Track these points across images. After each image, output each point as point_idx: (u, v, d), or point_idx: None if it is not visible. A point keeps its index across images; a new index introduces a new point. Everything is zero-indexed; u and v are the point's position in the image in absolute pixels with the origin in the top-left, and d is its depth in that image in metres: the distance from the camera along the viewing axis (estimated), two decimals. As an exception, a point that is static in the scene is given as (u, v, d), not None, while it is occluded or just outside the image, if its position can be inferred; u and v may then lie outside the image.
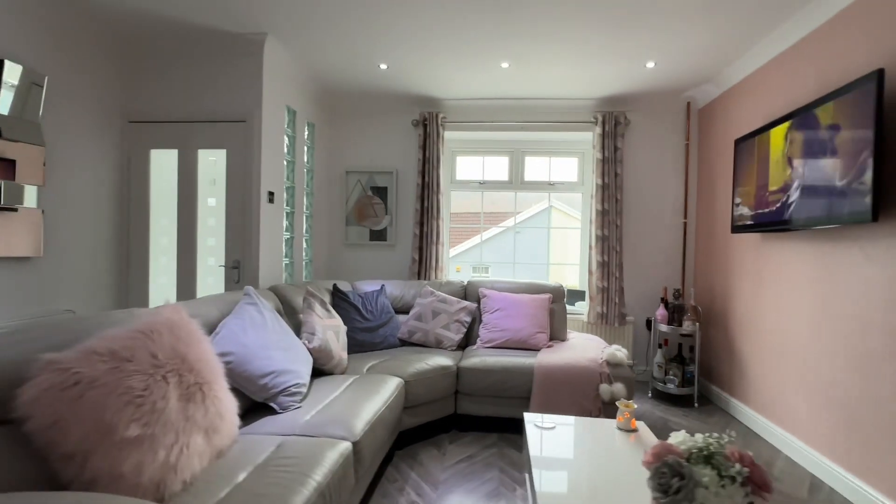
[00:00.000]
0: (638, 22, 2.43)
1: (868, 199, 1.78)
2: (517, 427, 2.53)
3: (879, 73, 1.74)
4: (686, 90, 3.50)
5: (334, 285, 2.94)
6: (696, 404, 3.16)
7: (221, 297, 1.99)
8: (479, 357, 2.62)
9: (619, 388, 2.39)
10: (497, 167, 4.06)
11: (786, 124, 2.29)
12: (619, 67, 3.04)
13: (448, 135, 3.87)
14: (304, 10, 2.40)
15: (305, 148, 3.49)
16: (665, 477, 1.07)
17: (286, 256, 3.23)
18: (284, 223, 3.16)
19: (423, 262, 3.72)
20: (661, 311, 3.36)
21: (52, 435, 0.98)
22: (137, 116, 2.83)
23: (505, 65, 3.02)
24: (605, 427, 1.84)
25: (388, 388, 2.08)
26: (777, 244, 2.56)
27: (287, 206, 3.23)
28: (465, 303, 3.08)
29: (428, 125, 3.70)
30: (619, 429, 1.82)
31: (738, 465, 1.03)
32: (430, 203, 3.69)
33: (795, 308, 2.39)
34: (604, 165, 3.59)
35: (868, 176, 1.78)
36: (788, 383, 2.43)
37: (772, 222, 2.42)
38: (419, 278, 3.70)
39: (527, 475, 1.73)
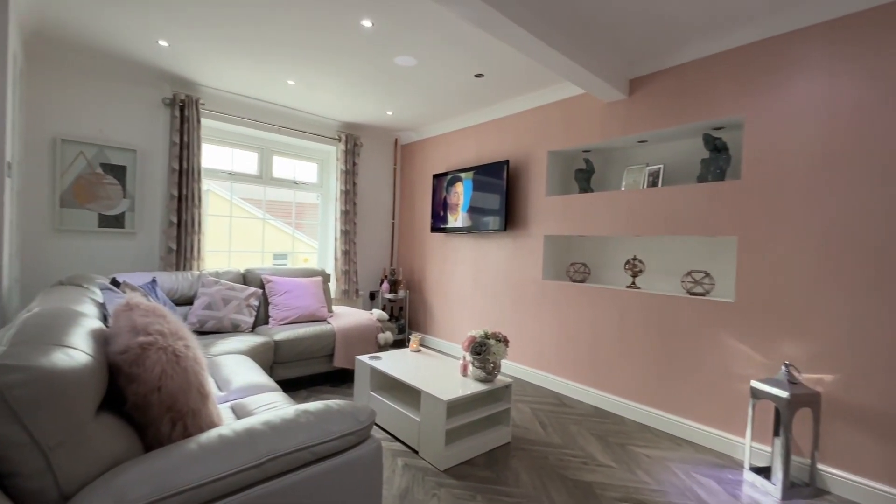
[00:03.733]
0: (394, 87, 3.62)
1: (501, 219, 3.73)
2: (321, 381, 3.28)
3: (507, 161, 3.70)
4: (397, 131, 5.03)
5: (113, 279, 2.58)
6: (408, 344, 4.77)
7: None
8: (290, 330, 3.13)
9: (389, 335, 3.56)
10: (247, 161, 4.27)
11: (469, 172, 4.11)
12: (368, 109, 4.15)
13: (204, 122, 3.78)
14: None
15: (10, 104, 2.62)
16: (477, 346, 2.35)
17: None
18: None
19: (181, 253, 3.53)
20: (385, 285, 4.76)
21: (169, 402, 1.15)
22: None
23: (291, 82, 3.51)
24: (405, 353, 2.98)
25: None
26: (456, 240, 4.44)
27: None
28: (252, 289, 3.37)
29: (185, 108, 3.53)
30: (413, 351, 3.00)
31: (499, 335, 2.43)
32: (190, 191, 3.56)
33: (464, 276, 4.31)
34: (346, 175, 4.61)
35: (502, 208, 3.73)
36: (462, 318, 4.34)
37: (455, 228, 4.23)
38: (178, 269, 3.50)
39: (368, 392, 2.64)
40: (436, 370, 2.59)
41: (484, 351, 2.36)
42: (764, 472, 2.18)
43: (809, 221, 2.21)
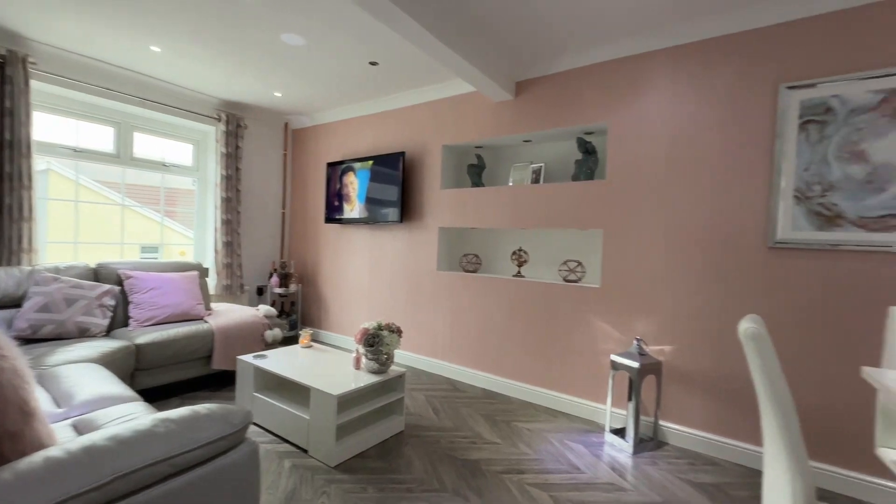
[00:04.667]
0: (282, 66, 3.38)
1: (398, 211, 3.73)
2: (198, 386, 2.97)
3: (403, 153, 3.70)
4: (288, 115, 4.70)
5: None
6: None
7: None
8: (157, 332, 2.75)
9: (277, 332, 3.35)
10: (100, 137, 3.63)
11: (366, 162, 4.01)
12: (254, 88, 3.80)
13: (35, 85, 3.11)
14: None
15: None
16: (370, 339, 2.33)
17: None
18: None
19: (4, 244, 2.88)
20: (275, 279, 4.46)
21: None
22: None
23: (156, 49, 3.06)
24: (295, 350, 2.83)
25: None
26: (352, 231, 4.32)
27: None
28: (106, 286, 2.89)
29: (7, 67, 2.87)
30: (303, 347, 2.87)
31: (393, 326, 2.44)
32: (16, 168, 2.91)
33: (360, 268, 4.23)
34: (227, 160, 4.19)
35: (399, 199, 3.73)
36: (359, 312, 4.26)
37: (351, 219, 4.12)
38: (0, 264, 2.85)
39: (251, 394, 2.47)
40: (327, 365, 2.51)
41: (377, 343, 2.35)
42: (621, 432, 2.53)
43: (657, 218, 2.60)
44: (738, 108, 2.34)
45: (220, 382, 3.19)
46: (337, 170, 4.24)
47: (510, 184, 3.35)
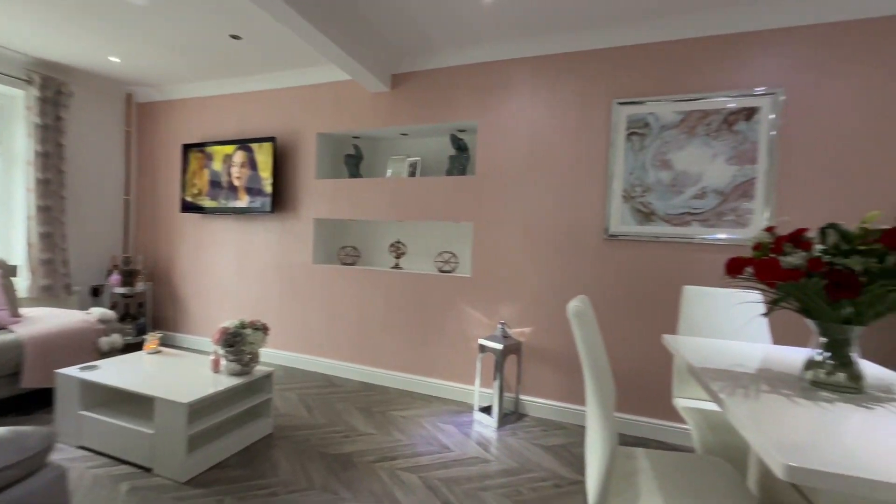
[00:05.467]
0: (120, 27, 2.88)
1: (269, 201, 3.48)
2: (2, 410, 2.38)
3: (274, 138, 3.45)
4: (130, 85, 4.03)
5: None
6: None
7: None
8: (-69, 347, 2.14)
9: (116, 338, 2.87)
10: None
11: (231, 146, 3.63)
12: (83, 48, 3.17)
13: None
14: None
15: None
16: (230, 339, 2.14)
17: None
18: None
19: None
20: (115, 277, 3.81)
21: None
22: None
23: (-77, -20, 2.35)
24: (139, 357, 2.46)
25: None
26: (216, 221, 3.90)
27: None
28: None
29: None
30: (149, 353, 2.51)
31: (257, 323, 2.27)
32: None
33: (226, 263, 3.85)
34: (43, 132, 3.43)
35: (269, 188, 3.47)
36: (226, 311, 3.87)
37: (214, 208, 3.71)
38: None
39: (76, 412, 2.10)
40: (178, 372, 2.24)
41: (238, 342, 2.17)
42: (487, 410, 2.74)
43: (517, 212, 2.85)
44: (582, 117, 2.69)
45: (39, 403, 2.63)
46: (196, 153, 3.78)
47: (388, 176, 3.36)
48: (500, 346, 2.59)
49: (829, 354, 1.19)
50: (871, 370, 1.39)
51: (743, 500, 1.16)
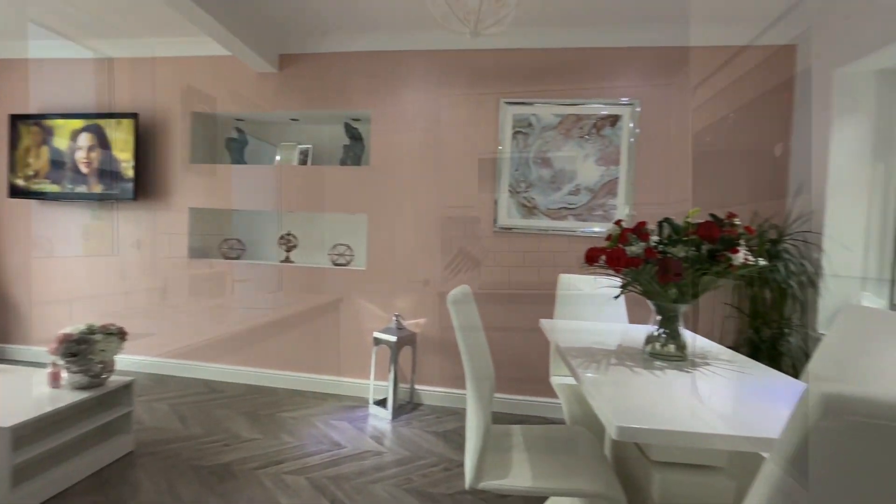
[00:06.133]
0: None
1: (131, 186, 3.03)
2: None
3: (136, 115, 3.00)
4: (-70, 34, 3.19)
5: None
6: (-31, 363, 3.21)
7: None
8: None
9: None
10: None
11: (79, 121, 3.06)
12: None
13: None
14: None
15: None
16: (72, 347, 1.82)
17: None
18: None
19: None
20: (-89, 278, 3.01)
21: None
22: None
23: None
24: (-58, 374, 1.98)
25: None
26: (60, 210, 3.28)
27: None
28: None
29: None
30: (-41, 371, 2.03)
31: (111, 328, 1.96)
32: None
33: (77, 259, 3.27)
34: None
35: (130, 172, 3.01)
36: (77, 314, 3.29)
37: (57, 194, 3.12)
38: None
39: None
40: (3, 390, 1.85)
41: (84, 350, 1.86)
42: (383, 402, 2.73)
43: (411, 204, 2.86)
44: (473, 113, 2.78)
45: None
46: (31, 126, 3.13)
47: (276, 163, 3.14)
48: (394, 339, 2.59)
49: (663, 330, 1.39)
50: (700, 343, 1.67)
51: (596, 461, 1.32)
